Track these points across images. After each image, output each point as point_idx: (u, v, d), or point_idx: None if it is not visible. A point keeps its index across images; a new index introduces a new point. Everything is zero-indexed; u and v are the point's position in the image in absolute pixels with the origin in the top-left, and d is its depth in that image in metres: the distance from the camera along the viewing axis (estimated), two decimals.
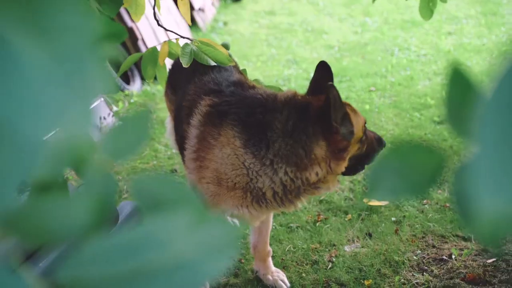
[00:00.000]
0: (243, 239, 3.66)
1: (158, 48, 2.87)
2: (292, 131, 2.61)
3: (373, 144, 2.83)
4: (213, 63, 2.69)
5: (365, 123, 2.80)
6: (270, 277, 3.37)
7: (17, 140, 0.59)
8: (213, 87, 2.99)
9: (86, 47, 0.65)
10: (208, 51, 2.69)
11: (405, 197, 0.83)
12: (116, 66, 2.83)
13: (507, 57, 0.66)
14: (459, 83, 0.85)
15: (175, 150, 3.74)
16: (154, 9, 3.01)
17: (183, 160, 3.05)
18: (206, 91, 2.97)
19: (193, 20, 9.11)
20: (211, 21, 10.09)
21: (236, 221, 3.96)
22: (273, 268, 3.44)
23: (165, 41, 2.90)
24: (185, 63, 2.65)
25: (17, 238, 0.76)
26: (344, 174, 2.81)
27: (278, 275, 3.40)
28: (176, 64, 3.47)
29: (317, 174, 2.67)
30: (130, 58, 2.81)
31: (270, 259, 3.44)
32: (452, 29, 9.13)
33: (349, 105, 2.76)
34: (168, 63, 3.30)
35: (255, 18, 10.50)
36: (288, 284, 3.37)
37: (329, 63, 2.87)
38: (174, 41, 2.93)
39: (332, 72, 2.85)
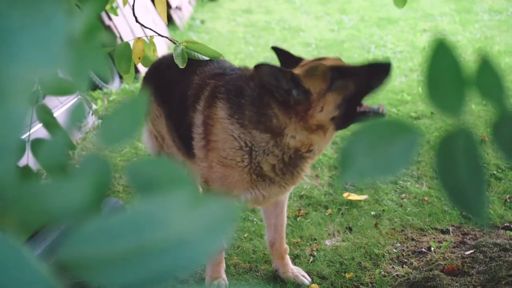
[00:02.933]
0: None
1: (131, 44, 2.84)
2: (256, 98, 2.77)
3: (363, 76, 2.70)
4: (206, 58, 2.72)
5: (333, 67, 2.71)
6: (290, 274, 3.35)
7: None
8: (217, 71, 3.09)
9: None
10: (198, 48, 2.74)
11: (377, 176, 0.81)
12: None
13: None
14: (442, 54, 0.85)
15: (151, 152, 3.68)
16: (133, 7, 3.01)
17: (190, 154, 3.09)
18: (211, 75, 3.06)
19: (170, 18, 9.10)
20: (188, 20, 10.08)
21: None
22: (291, 265, 3.42)
23: (138, 38, 2.89)
24: (180, 63, 2.69)
25: (17, 219, 0.77)
26: (343, 125, 2.78)
27: (298, 270, 3.39)
28: (157, 67, 3.44)
29: (294, 137, 2.75)
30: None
31: (288, 256, 3.41)
32: (427, 27, 9.24)
33: (307, 64, 2.83)
34: None
35: (232, 16, 10.51)
36: (310, 279, 3.35)
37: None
38: (148, 39, 2.90)
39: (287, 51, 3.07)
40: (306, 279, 3.33)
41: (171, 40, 2.92)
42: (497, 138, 0.79)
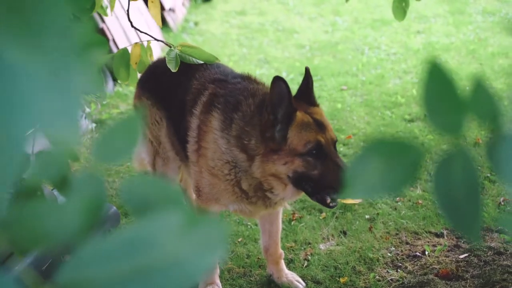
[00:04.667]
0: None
1: (129, 49, 2.85)
2: (247, 115, 2.79)
3: (328, 174, 2.68)
4: (200, 62, 2.72)
5: (318, 144, 2.70)
6: (285, 279, 3.34)
7: (7, 143, 0.60)
8: (219, 77, 3.11)
9: (71, 49, 0.66)
10: (193, 52, 2.72)
11: (382, 194, 0.84)
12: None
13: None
14: (437, 78, 0.86)
15: (146, 156, 3.67)
16: (128, 10, 3.00)
17: (185, 157, 3.11)
18: (211, 80, 3.09)
19: (163, 20, 9.07)
20: (182, 22, 10.06)
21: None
22: (286, 270, 3.41)
23: (136, 43, 2.88)
24: (173, 68, 2.68)
25: (10, 242, 0.76)
26: (297, 187, 2.78)
27: (292, 275, 3.38)
28: (153, 71, 3.43)
29: (258, 168, 2.76)
30: (100, 59, 2.77)
31: (282, 261, 3.41)
32: (421, 28, 9.24)
33: (312, 115, 2.79)
34: None
35: (226, 18, 10.50)
36: (304, 284, 3.34)
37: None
38: (145, 43, 2.91)
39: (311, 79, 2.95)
40: (301, 284, 3.32)
41: (166, 44, 2.90)
42: (493, 158, 0.80)
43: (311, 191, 2.75)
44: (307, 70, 2.94)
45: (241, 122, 2.80)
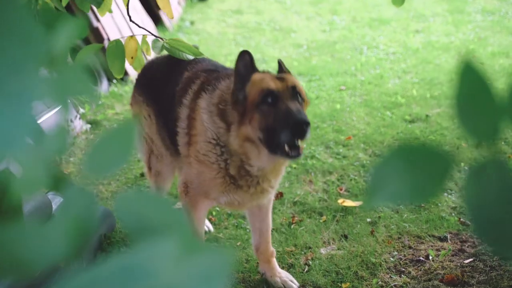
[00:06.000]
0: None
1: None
2: (227, 86, 2.85)
3: (279, 118, 2.62)
4: (190, 57, 2.67)
5: (271, 92, 2.67)
6: (278, 278, 3.30)
7: None
8: (210, 67, 3.17)
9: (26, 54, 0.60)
10: (181, 46, 2.68)
11: (409, 202, 0.76)
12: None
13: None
14: (470, 78, 0.78)
15: (142, 155, 3.64)
16: (127, 6, 2.92)
17: (177, 152, 3.11)
18: (203, 70, 3.12)
19: (159, 19, 8.99)
20: (178, 21, 9.97)
21: (209, 225, 3.87)
22: (279, 269, 3.37)
23: (130, 36, 2.80)
24: (156, 52, 2.67)
25: None
26: (268, 148, 2.69)
27: (286, 275, 3.33)
28: (148, 68, 3.44)
29: (235, 138, 2.75)
30: (86, 48, 2.65)
31: (274, 259, 3.37)
32: (420, 27, 9.18)
33: (267, 73, 2.83)
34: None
35: (222, 17, 10.41)
36: (298, 284, 3.29)
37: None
38: (140, 38, 2.83)
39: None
40: (294, 284, 3.27)
41: (157, 37, 2.82)
42: None
43: (278, 146, 2.63)
44: (279, 63, 3.07)
45: (222, 91, 2.85)
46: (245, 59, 2.76)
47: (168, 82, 3.23)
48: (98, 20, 6.61)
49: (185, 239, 0.64)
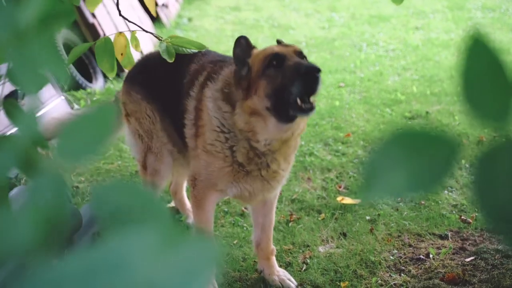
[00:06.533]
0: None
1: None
2: (231, 72, 2.83)
3: (289, 74, 2.56)
4: (194, 51, 2.62)
5: (276, 55, 2.62)
6: (275, 277, 3.25)
7: None
8: (218, 58, 3.14)
9: None
10: (182, 42, 2.62)
11: (409, 194, 0.69)
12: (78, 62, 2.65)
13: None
14: (480, 55, 0.71)
15: (136, 154, 3.53)
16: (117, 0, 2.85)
17: (185, 147, 3.09)
18: (210, 61, 3.10)
19: (156, 16, 8.92)
20: (175, 17, 9.91)
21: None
22: (278, 267, 3.32)
23: (119, 32, 2.73)
24: (169, 58, 2.60)
25: None
26: (279, 116, 2.63)
27: (284, 274, 3.28)
28: (145, 64, 3.39)
29: (240, 116, 2.72)
30: (78, 48, 2.58)
31: (274, 257, 3.32)
32: (420, 24, 9.12)
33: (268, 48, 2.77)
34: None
35: (220, 14, 10.35)
36: (296, 283, 3.24)
37: None
38: (129, 34, 2.77)
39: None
40: (292, 283, 3.23)
41: (156, 36, 2.76)
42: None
43: (290, 106, 2.56)
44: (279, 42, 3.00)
45: (225, 76, 2.85)
46: (241, 44, 2.74)
47: (173, 76, 3.17)
48: (94, 16, 6.54)
49: (166, 230, 0.58)
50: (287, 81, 2.54)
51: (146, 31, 2.81)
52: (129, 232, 0.57)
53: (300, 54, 2.70)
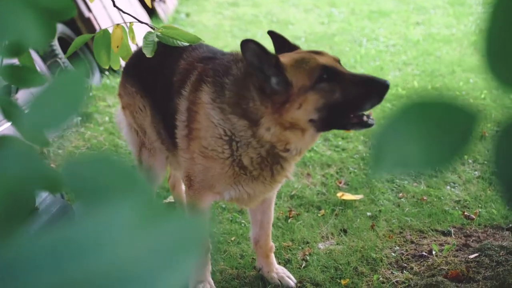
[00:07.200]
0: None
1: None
2: (239, 78, 2.63)
3: (352, 89, 2.47)
4: (185, 44, 2.50)
5: (324, 66, 2.49)
6: (274, 274, 3.17)
7: None
8: (208, 55, 2.96)
9: None
10: (175, 34, 2.51)
11: (423, 168, 0.64)
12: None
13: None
14: (507, 11, 0.61)
15: (132, 148, 3.45)
16: None
17: (175, 146, 2.95)
18: (200, 59, 2.93)
19: (154, 11, 8.84)
20: (173, 13, 9.83)
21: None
22: (277, 265, 3.24)
23: (117, 24, 2.64)
24: (148, 53, 2.47)
25: None
26: (323, 128, 2.60)
27: (283, 271, 3.21)
28: (139, 56, 3.23)
29: (268, 130, 2.57)
30: (78, 39, 2.52)
31: (273, 255, 3.23)
32: (420, 19, 9.07)
33: (299, 54, 2.64)
34: None
35: (219, 9, 10.28)
36: (295, 280, 3.17)
37: None
38: (127, 26, 2.67)
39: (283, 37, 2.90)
40: (291, 281, 3.15)
41: (150, 27, 2.66)
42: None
43: (344, 121, 2.53)
44: (271, 33, 2.91)
45: (234, 86, 2.63)
46: (251, 48, 2.50)
47: (163, 70, 3.06)
48: (89, 10, 6.45)
49: (146, 205, 0.52)
50: (350, 96, 2.46)
51: (141, 22, 2.73)
52: (105, 208, 0.51)
53: (339, 61, 2.63)
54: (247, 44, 2.48)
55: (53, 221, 2.65)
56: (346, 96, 2.46)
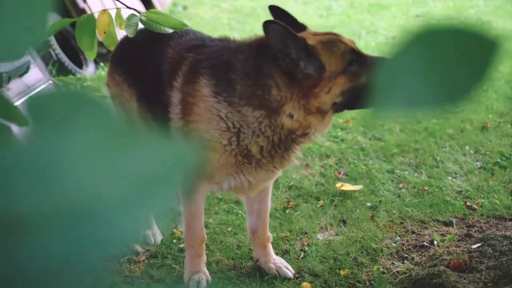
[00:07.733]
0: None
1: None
2: (251, 69, 2.53)
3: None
4: (170, 31, 2.39)
5: (353, 50, 2.49)
6: (272, 265, 3.10)
7: None
8: (196, 43, 2.85)
9: None
10: (160, 19, 2.41)
11: (435, 106, 0.57)
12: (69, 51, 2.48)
13: None
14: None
15: None
16: None
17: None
18: (188, 48, 2.82)
19: (150, 4, 8.75)
20: (170, 5, 9.76)
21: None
22: (274, 255, 3.17)
23: (103, 10, 2.55)
24: (130, 33, 2.37)
25: None
26: (341, 110, 2.63)
27: (281, 261, 3.14)
28: (126, 43, 3.15)
29: (291, 117, 2.53)
30: (57, 23, 2.40)
31: (270, 245, 3.15)
32: (420, 12, 9.01)
33: (320, 35, 2.59)
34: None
35: (216, 2, 10.22)
36: (293, 271, 3.09)
37: None
38: (113, 13, 2.58)
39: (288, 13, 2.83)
40: (290, 271, 3.08)
41: (135, 10, 2.56)
42: None
43: (363, 101, 2.49)
44: (272, 8, 2.81)
45: (247, 79, 2.54)
46: (276, 30, 2.39)
47: (150, 59, 2.97)
48: (84, 1, 6.36)
49: (116, 131, 0.48)
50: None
51: (129, 7, 2.63)
52: (69, 132, 0.45)
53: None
54: (271, 25, 2.38)
55: None
56: (370, 78, 2.42)
